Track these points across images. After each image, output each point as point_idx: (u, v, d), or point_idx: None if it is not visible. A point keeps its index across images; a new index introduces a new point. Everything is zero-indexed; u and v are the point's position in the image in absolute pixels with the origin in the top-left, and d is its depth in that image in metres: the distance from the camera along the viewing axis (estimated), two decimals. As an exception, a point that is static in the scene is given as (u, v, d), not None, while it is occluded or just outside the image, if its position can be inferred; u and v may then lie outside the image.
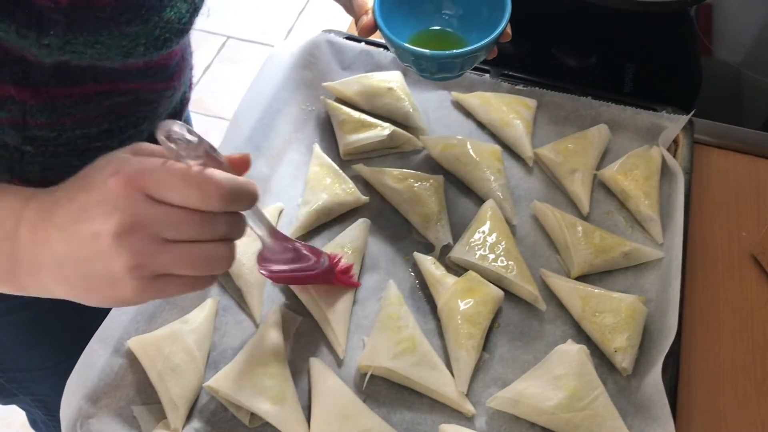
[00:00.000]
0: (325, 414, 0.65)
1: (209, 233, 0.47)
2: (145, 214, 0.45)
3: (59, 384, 0.64)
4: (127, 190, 0.45)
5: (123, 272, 0.45)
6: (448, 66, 0.71)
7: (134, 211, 0.45)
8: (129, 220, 0.45)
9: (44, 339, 0.86)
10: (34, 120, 0.62)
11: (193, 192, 0.45)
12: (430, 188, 0.81)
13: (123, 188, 0.45)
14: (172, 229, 0.46)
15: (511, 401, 0.66)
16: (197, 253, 0.47)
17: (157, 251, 0.46)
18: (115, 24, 0.56)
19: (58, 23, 0.54)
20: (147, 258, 0.46)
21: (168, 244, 0.46)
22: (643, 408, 0.66)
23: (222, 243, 0.48)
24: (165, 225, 0.45)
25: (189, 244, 0.47)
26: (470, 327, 0.69)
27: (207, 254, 0.47)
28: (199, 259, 0.47)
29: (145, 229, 0.45)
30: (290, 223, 0.81)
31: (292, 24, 2.58)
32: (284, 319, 0.72)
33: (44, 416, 1.02)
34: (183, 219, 0.46)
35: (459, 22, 0.76)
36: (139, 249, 0.45)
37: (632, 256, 0.77)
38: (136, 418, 0.65)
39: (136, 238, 0.45)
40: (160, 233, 0.45)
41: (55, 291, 0.50)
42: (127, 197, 0.45)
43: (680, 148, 0.87)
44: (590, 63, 1.01)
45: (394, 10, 0.72)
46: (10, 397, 0.98)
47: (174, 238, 0.46)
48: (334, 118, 0.88)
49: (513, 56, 1.00)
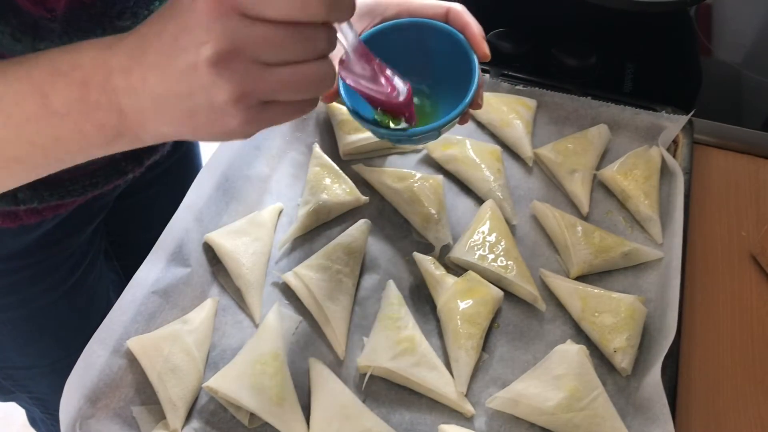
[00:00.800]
0: (324, 414, 0.65)
1: (309, 50, 0.43)
2: (243, 36, 0.41)
3: (56, 382, 0.64)
4: (220, 10, 0.41)
5: (228, 104, 0.42)
6: (405, 140, 0.69)
7: (230, 34, 0.41)
8: (226, 46, 0.41)
9: (41, 337, 0.86)
10: None
11: (292, 2, 0.41)
12: (430, 188, 0.81)
13: (215, 9, 0.41)
14: (272, 50, 0.42)
15: (511, 401, 0.66)
16: (302, 75, 0.43)
17: (260, 77, 0.42)
18: (108, 19, 0.56)
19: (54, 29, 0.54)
20: (251, 85, 0.42)
21: (270, 68, 0.42)
22: (642, 408, 0.66)
23: (323, 61, 0.44)
24: (265, 46, 0.42)
25: (292, 66, 0.43)
26: (470, 327, 0.69)
27: (311, 74, 0.44)
28: (304, 80, 0.44)
29: (245, 54, 0.41)
30: (290, 223, 0.81)
31: (293, 24, 2.58)
32: (284, 319, 0.72)
33: (42, 414, 1.02)
34: (284, 38, 0.42)
35: (430, 85, 0.72)
36: (240, 76, 0.42)
37: (632, 256, 0.77)
38: (136, 418, 0.65)
39: (236, 64, 0.41)
40: (260, 57, 0.42)
41: (165, 133, 0.47)
42: (220, 19, 0.41)
43: (680, 148, 0.87)
44: (590, 63, 1.01)
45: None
46: (7, 395, 0.98)
47: (275, 60, 0.42)
48: (333, 118, 0.88)
49: (513, 56, 1.00)
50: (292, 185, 0.84)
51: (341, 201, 0.80)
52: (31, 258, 0.79)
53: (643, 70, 1.02)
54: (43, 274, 0.81)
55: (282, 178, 0.85)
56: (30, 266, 0.79)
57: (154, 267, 0.71)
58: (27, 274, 0.80)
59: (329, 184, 0.81)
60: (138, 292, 0.70)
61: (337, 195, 0.80)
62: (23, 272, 0.79)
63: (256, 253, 0.76)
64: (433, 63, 0.70)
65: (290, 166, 0.86)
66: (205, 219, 0.78)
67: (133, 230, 0.98)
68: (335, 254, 0.75)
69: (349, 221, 0.81)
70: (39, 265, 0.80)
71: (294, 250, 0.79)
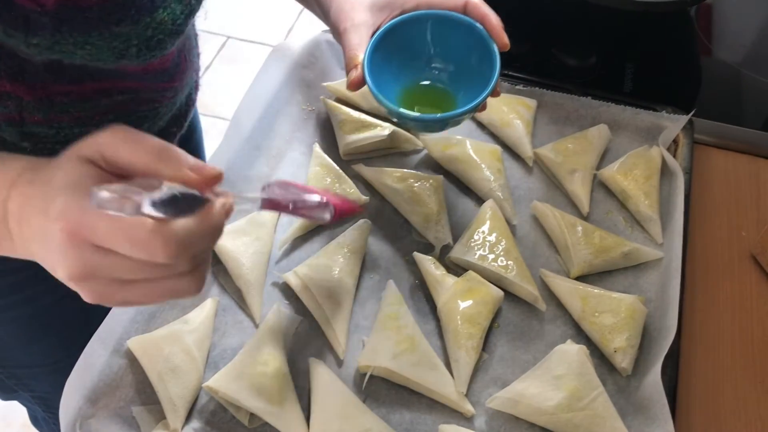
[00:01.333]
0: (324, 414, 0.65)
1: (169, 271, 0.44)
2: (95, 264, 0.43)
3: (59, 382, 0.64)
4: (73, 242, 0.43)
5: (90, 300, 0.45)
6: (432, 126, 0.72)
7: (82, 262, 0.43)
8: (79, 270, 0.43)
9: (45, 336, 0.86)
10: (31, 116, 0.62)
11: (138, 250, 0.42)
12: (430, 188, 0.81)
13: (67, 240, 0.43)
14: (125, 273, 0.44)
15: (511, 401, 0.66)
16: (158, 290, 0.45)
17: (116, 291, 0.45)
18: (105, 24, 0.56)
19: (45, 25, 0.54)
20: (107, 297, 0.45)
21: (128, 283, 0.44)
22: (642, 408, 0.66)
23: (186, 276, 0.45)
24: (118, 271, 0.44)
25: (148, 282, 0.45)
26: (470, 327, 0.69)
27: (168, 290, 0.45)
28: (163, 293, 0.46)
29: (99, 275, 0.44)
30: (290, 223, 0.81)
31: (292, 24, 2.58)
32: (284, 319, 0.72)
33: (44, 413, 1.02)
34: (135, 266, 0.43)
35: (449, 76, 0.75)
36: (96, 291, 0.45)
37: (632, 256, 0.77)
38: (136, 418, 0.65)
39: (91, 283, 0.44)
40: (114, 277, 0.44)
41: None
42: (73, 248, 0.43)
43: (680, 148, 0.87)
44: (590, 63, 1.01)
45: (384, 64, 0.71)
46: (9, 393, 0.98)
47: (130, 279, 0.44)
48: (334, 118, 0.88)
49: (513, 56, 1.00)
50: (292, 185, 0.84)
51: (341, 201, 0.80)
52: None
53: (643, 70, 1.02)
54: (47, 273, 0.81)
55: (282, 177, 0.85)
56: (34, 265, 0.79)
57: (154, 267, 0.71)
58: (31, 272, 0.79)
59: (329, 183, 0.81)
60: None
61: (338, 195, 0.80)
62: (27, 271, 0.79)
63: (257, 253, 0.76)
64: (453, 54, 0.72)
65: (290, 166, 0.86)
66: (205, 219, 0.77)
67: None
68: (335, 254, 0.75)
69: (350, 221, 0.81)
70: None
71: (294, 250, 0.79)
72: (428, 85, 0.76)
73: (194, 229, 0.43)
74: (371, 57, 0.69)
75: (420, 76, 0.76)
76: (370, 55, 0.69)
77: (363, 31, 0.71)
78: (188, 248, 0.43)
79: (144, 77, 0.67)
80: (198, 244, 0.44)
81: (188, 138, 0.98)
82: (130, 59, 0.60)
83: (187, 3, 0.63)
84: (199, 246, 0.44)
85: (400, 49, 0.72)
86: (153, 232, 0.41)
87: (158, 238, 0.41)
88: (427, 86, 0.76)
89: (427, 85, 0.76)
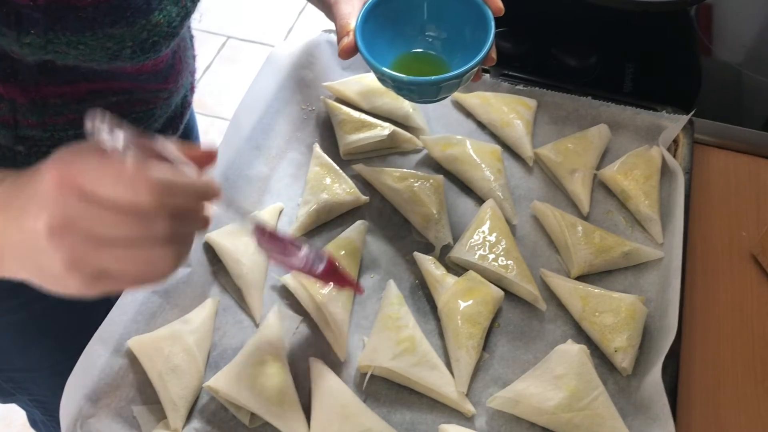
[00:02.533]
0: (325, 414, 0.65)
1: (145, 234, 0.44)
2: (77, 213, 0.43)
3: (57, 385, 0.64)
4: (61, 188, 0.43)
5: (62, 269, 0.44)
6: (427, 91, 0.70)
7: (65, 210, 0.43)
8: (59, 220, 0.43)
9: (41, 340, 0.86)
10: (25, 119, 0.62)
11: (124, 189, 0.43)
12: (430, 188, 0.81)
13: (56, 186, 0.43)
14: (104, 228, 0.44)
15: (511, 401, 0.66)
16: (134, 256, 0.45)
17: (92, 251, 0.44)
18: (99, 25, 0.56)
19: (38, 22, 0.53)
20: (81, 257, 0.44)
21: (104, 243, 0.44)
22: (643, 408, 0.66)
23: (162, 246, 0.45)
24: (97, 224, 0.43)
25: (125, 246, 0.44)
26: (470, 327, 0.69)
27: (145, 254, 0.45)
28: (137, 259, 0.45)
29: (78, 229, 0.43)
30: (290, 223, 0.81)
31: (292, 24, 2.58)
32: (284, 318, 0.72)
33: (43, 416, 1.02)
34: (115, 218, 0.43)
35: (443, 44, 0.74)
36: (72, 248, 0.44)
37: (632, 256, 0.77)
38: (136, 418, 0.65)
39: (69, 237, 0.43)
40: (94, 233, 0.44)
41: (19, 276, 0.49)
42: (59, 195, 0.43)
43: (680, 147, 0.87)
44: (590, 63, 1.01)
45: (377, 33, 0.70)
46: (8, 397, 0.98)
47: (108, 237, 0.44)
48: (334, 118, 0.88)
49: (513, 56, 1.00)
50: (292, 185, 0.84)
51: (341, 201, 0.80)
52: None
53: (643, 70, 1.02)
54: None
55: (282, 178, 0.85)
56: None
57: (154, 267, 0.71)
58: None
59: (329, 183, 0.81)
60: (138, 292, 0.70)
61: (338, 195, 0.80)
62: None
63: (257, 253, 0.76)
64: (447, 21, 0.72)
65: (290, 166, 0.86)
66: (205, 219, 0.77)
67: None
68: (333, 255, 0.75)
69: (350, 221, 0.81)
70: None
71: (294, 250, 0.79)
72: (422, 53, 0.75)
73: (178, 179, 0.45)
74: (363, 25, 0.69)
75: (414, 45, 0.75)
76: (362, 23, 0.69)
77: (354, 0, 0.71)
78: (171, 196, 0.44)
79: (138, 78, 0.67)
80: (180, 198, 0.45)
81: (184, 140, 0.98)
82: (124, 60, 0.60)
83: (183, 5, 0.63)
84: (181, 200, 0.45)
85: (393, 17, 0.71)
86: (139, 170, 0.43)
87: (143, 175, 0.43)
88: (421, 54, 0.75)
89: (421, 53, 0.75)
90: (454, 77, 0.66)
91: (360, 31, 0.69)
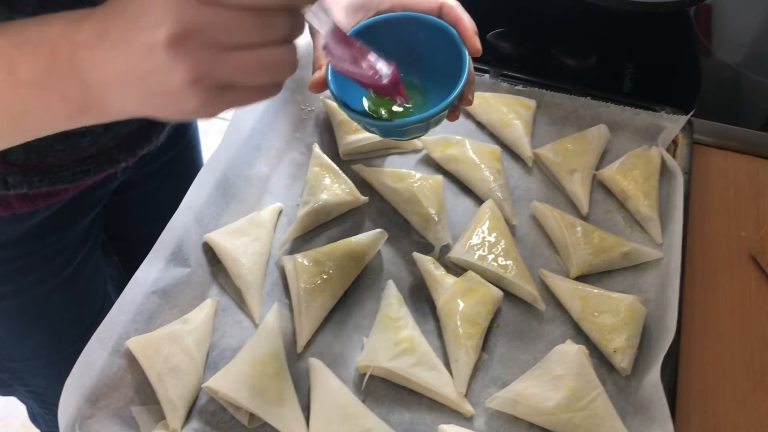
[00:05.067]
0: (324, 414, 0.65)
1: (269, 34, 0.43)
2: (199, 18, 0.41)
3: (53, 375, 0.63)
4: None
5: (184, 85, 0.42)
6: (393, 132, 0.68)
7: (187, 16, 0.41)
8: (182, 27, 0.41)
9: (35, 328, 0.86)
10: None
11: None
12: (429, 188, 0.81)
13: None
14: (229, 33, 0.42)
15: (511, 401, 0.66)
16: (259, 59, 0.44)
17: (216, 60, 0.42)
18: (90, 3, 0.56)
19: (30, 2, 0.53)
20: (206, 68, 0.42)
21: (227, 51, 0.42)
22: (642, 408, 0.66)
23: (283, 46, 0.45)
24: (221, 29, 0.42)
25: (249, 50, 0.43)
26: (469, 327, 0.69)
27: (269, 59, 0.44)
28: (262, 65, 0.44)
29: (201, 36, 0.41)
30: (290, 223, 0.81)
31: (292, 24, 2.58)
32: (284, 319, 0.72)
33: (41, 409, 1.02)
34: (240, 21, 0.42)
35: (422, 80, 0.71)
36: (196, 58, 0.42)
37: (631, 256, 0.77)
38: (135, 418, 0.65)
39: (191, 46, 0.41)
40: (217, 40, 0.42)
41: (129, 110, 0.47)
42: (178, 2, 0.41)
43: (679, 148, 0.87)
44: (590, 63, 1.01)
45: None
46: (5, 388, 0.98)
47: (232, 43, 0.42)
48: (333, 118, 0.88)
49: (513, 56, 1.00)
50: (291, 185, 0.84)
51: (341, 201, 0.80)
52: (25, 248, 0.79)
53: (643, 70, 1.02)
54: (38, 265, 0.81)
55: (282, 178, 0.85)
56: (23, 256, 0.79)
57: (153, 267, 0.71)
58: (20, 264, 0.80)
59: (329, 184, 0.81)
60: (137, 292, 0.70)
61: (337, 195, 0.80)
62: (17, 262, 0.79)
63: (256, 253, 0.76)
64: (426, 58, 0.70)
65: (290, 166, 0.86)
66: (204, 219, 0.78)
67: (132, 225, 0.98)
68: (335, 254, 0.75)
69: (349, 221, 0.81)
70: (33, 255, 0.80)
71: (294, 250, 0.79)
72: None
73: None
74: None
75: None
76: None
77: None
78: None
79: None
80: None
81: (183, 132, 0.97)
82: None
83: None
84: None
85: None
86: None
87: None
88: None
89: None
90: (419, 121, 0.64)
91: (331, 67, 0.66)
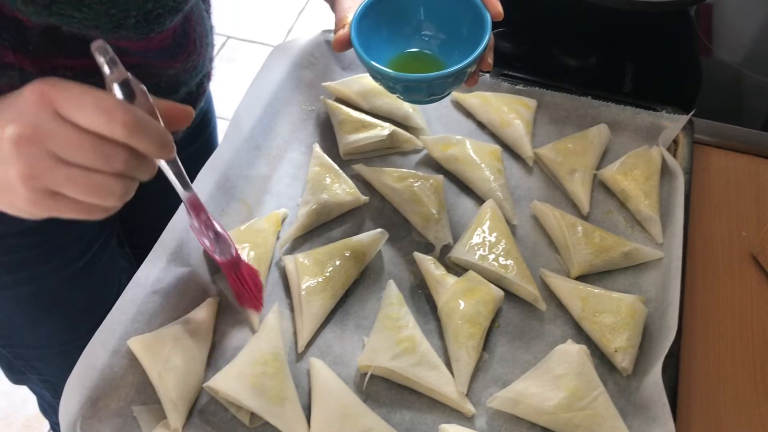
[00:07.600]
0: (325, 414, 0.65)
1: (103, 164, 0.47)
2: (48, 127, 0.46)
3: (66, 365, 0.64)
4: (39, 102, 0.46)
5: (16, 179, 0.46)
6: (416, 89, 0.69)
7: (36, 122, 0.46)
8: (29, 130, 0.45)
9: (50, 316, 0.87)
10: None
11: (99, 115, 0.46)
12: (430, 188, 0.81)
13: (35, 100, 0.46)
14: (68, 149, 0.46)
15: (511, 401, 0.66)
16: (87, 181, 0.47)
17: (51, 166, 0.46)
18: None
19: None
20: (39, 170, 0.46)
21: (62, 163, 0.46)
22: (643, 408, 0.66)
23: (116, 178, 0.48)
24: (63, 143, 0.46)
25: (83, 169, 0.47)
26: (470, 327, 0.69)
27: (96, 184, 0.48)
28: (89, 186, 0.47)
29: (43, 143, 0.46)
30: (290, 223, 0.81)
31: (292, 24, 2.58)
32: (284, 318, 0.72)
33: (52, 399, 1.02)
34: (81, 142, 0.46)
35: (441, 45, 0.74)
36: (32, 159, 0.46)
37: (632, 256, 0.77)
38: (136, 418, 0.65)
39: (32, 148, 0.46)
40: (56, 151, 0.46)
41: None
42: (35, 108, 0.46)
43: (680, 147, 0.87)
44: (590, 63, 1.01)
45: (374, 31, 0.70)
46: (19, 375, 0.98)
47: (69, 159, 0.46)
48: (333, 118, 0.88)
49: (513, 56, 1.00)
50: (292, 185, 0.84)
51: (341, 201, 0.80)
52: (43, 235, 0.79)
53: (643, 70, 1.03)
54: (55, 253, 0.82)
55: (282, 178, 0.85)
56: (41, 244, 0.80)
57: (154, 267, 0.71)
58: (38, 251, 0.80)
59: (329, 183, 0.81)
60: (138, 291, 0.70)
61: (337, 195, 0.80)
62: (34, 249, 0.80)
63: (254, 260, 0.75)
64: (445, 22, 0.71)
65: (290, 166, 0.86)
66: (205, 219, 0.77)
67: (147, 218, 0.98)
68: (335, 254, 0.75)
69: (350, 221, 0.81)
70: (50, 243, 0.81)
71: (294, 250, 0.79)
72: (419, 52, 0.75)
73: (150, 124, 0.48)
74: (360, 20, 0.69)
75: (411, 44, 0.75)
76: (359, 17, 0.69)
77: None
78: (139, 138, 0.47)
79: (146, 55, 0.67)
80: (146, 142, 0.48)
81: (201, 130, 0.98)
82: (128, 30, 0.60)
83: None
84: (145, 145, 0.48)
85: (392, 15, 0.71)
86: (119, 102, 0.47)
87: (121, 107, 0.46)
88: (418, 54, 0.75)
89: (418, 52, 0.75)
90: (444, 76, 0.66)
91: (356, 25, 0.69)
